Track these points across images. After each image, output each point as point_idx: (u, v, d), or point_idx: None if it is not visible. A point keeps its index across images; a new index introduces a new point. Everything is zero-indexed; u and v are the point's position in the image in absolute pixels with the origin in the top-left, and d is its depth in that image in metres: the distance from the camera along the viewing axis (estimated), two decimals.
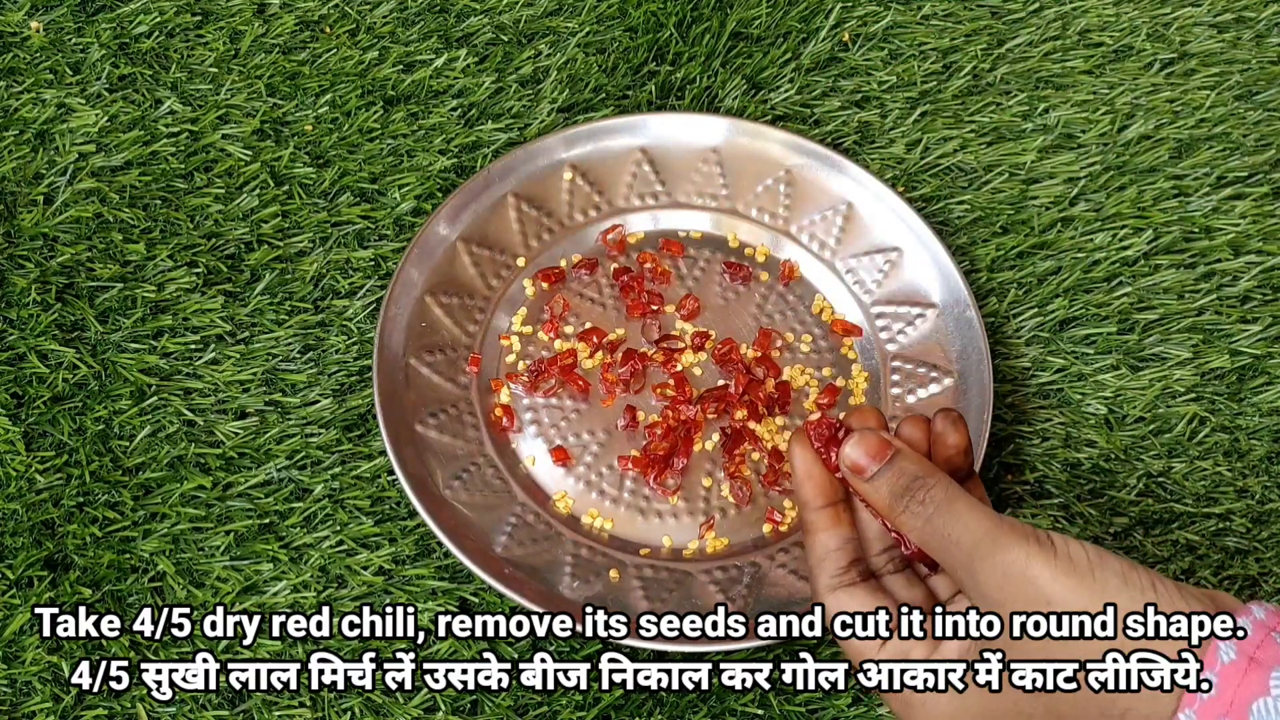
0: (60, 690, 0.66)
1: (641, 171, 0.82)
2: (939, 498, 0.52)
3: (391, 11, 0.89)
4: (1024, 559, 0.49)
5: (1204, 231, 0.82)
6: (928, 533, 0.52)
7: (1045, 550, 0.49)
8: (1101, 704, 0.47)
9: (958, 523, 0.51)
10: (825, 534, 0.56)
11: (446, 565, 0.70)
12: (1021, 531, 0.49)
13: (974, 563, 0.50)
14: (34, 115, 0.83)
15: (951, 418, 0.56)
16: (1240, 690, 0.45)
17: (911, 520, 0.53)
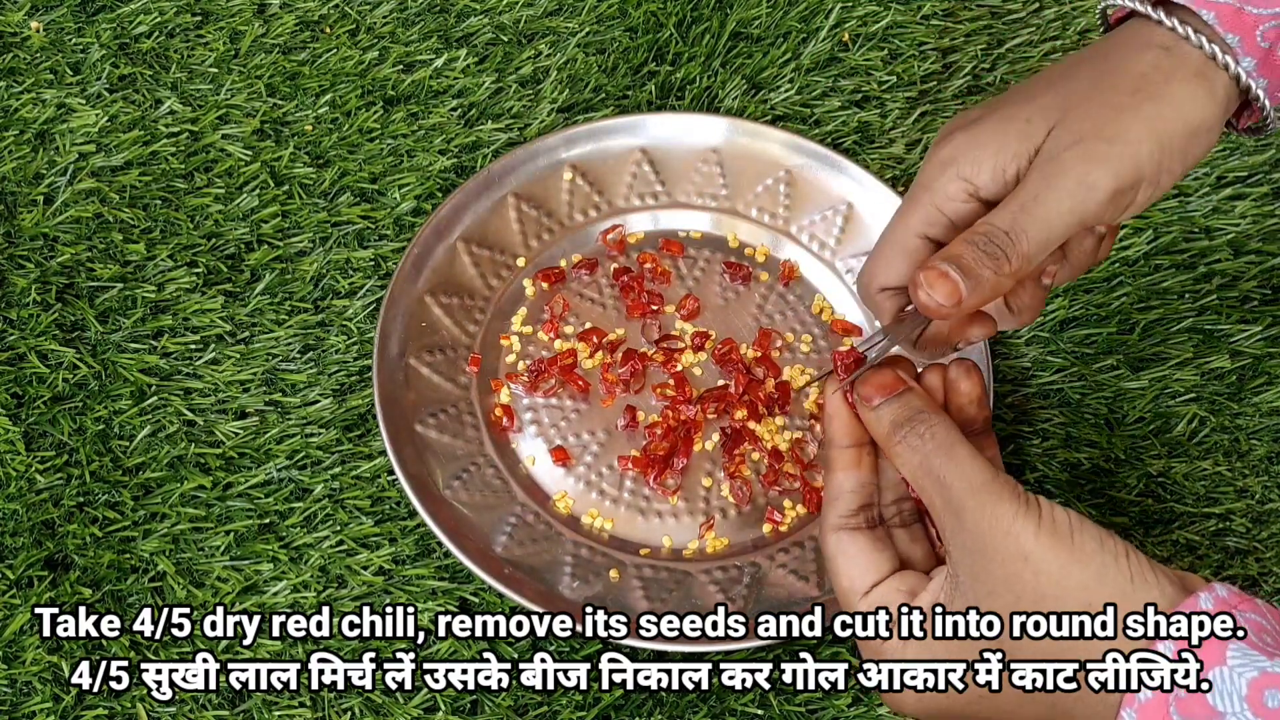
0: (60, 690, 0.66)
1: (641, 171, 0.82)
2: (940, 436, 0.53)
3: (391, 11, 0.89)
4: (1010, 515, 0.50)
5: (1204, 231, 0.82)
6: (922, 470, 0.53)
7: (1031, 510, 0.50)
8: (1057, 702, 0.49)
9: (955, 466, 0.52)
10: (843, 474, 0.57)
11: (446, 565, 0.70)
12: (1013, 489, 0.51)
13: (963, 510, 0.51)
14: (34, 115, 0.83)
15: (965, 366, 0.57)
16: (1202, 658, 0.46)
17: (908, 453, 0.53)
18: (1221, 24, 0.54)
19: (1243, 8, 0.54)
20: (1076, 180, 0.52)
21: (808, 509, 0.72)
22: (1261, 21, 0.54)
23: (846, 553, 0.55)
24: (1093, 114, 0.53)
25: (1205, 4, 0.54)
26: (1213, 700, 0.45)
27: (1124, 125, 0.53)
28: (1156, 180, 0.54)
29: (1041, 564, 0.49)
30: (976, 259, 0.53)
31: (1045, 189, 0.53)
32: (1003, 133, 0.55)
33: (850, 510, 0.56)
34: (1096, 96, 0.54)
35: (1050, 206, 0.53)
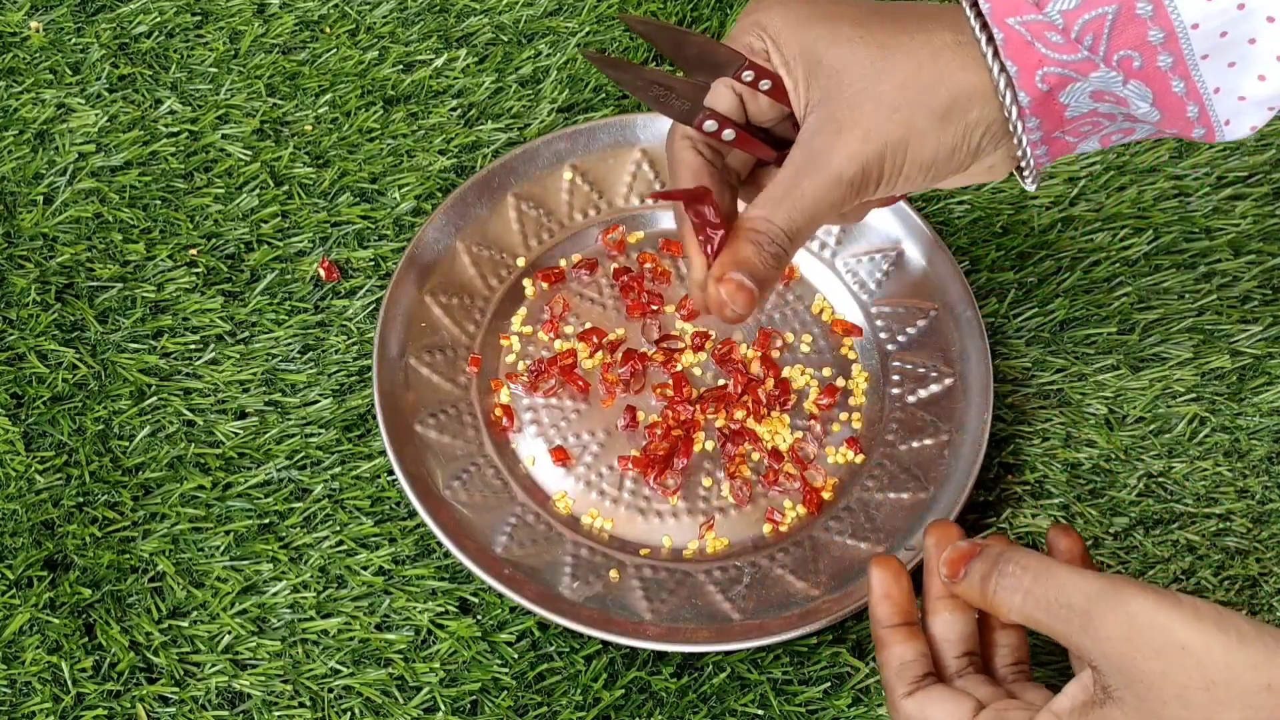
0: (60, 690, 0.66)
1: (641, 171, 0.82)
2: (1034, 566, 0.53)
3: (391, 11, 0.89)
4: (1151, 608, 0.49)
5: (1204, 231, 0.82)
6: (1030, 604, 0.52)
7: (1167, 598, 0.49)
8: None
9: (1065, 585, 0.51)
10: (901, 647, 0.58)
11: (446, 565, 0.70)
12: (1141, 584, 0.50)
13: (1092, 619, 0.50)
14: (34, 115, 0.83)
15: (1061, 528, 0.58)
16: None
17: (1009, 595, 0.53)
18: (1006, 49, 0.53)
19: (1033, 43, 0.53)
20: (835, 175, 0.54)
21: (808, 509, 0.72)
22: (1046, 63, 0.53)
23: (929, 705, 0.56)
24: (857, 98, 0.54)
25: (1000, 23, 0.53)
26: None
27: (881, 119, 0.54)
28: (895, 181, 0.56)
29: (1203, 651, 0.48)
30: (764, 263, 0.55)
31: (809, 184, 0.55)
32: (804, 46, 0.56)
33: (917, 677, 0.57)
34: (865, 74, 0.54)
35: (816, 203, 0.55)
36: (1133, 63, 0.53)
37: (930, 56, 0.54)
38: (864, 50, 0.54)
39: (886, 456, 0.73)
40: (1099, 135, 0.57)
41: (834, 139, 0.54)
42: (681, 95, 0.57)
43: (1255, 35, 0.52)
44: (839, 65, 0.55)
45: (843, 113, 0.54)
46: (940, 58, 0.54)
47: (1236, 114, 0.54)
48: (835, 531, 0.71)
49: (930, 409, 0.74)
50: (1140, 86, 0.54)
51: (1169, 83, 0.53)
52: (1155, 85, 0.54)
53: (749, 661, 0.68)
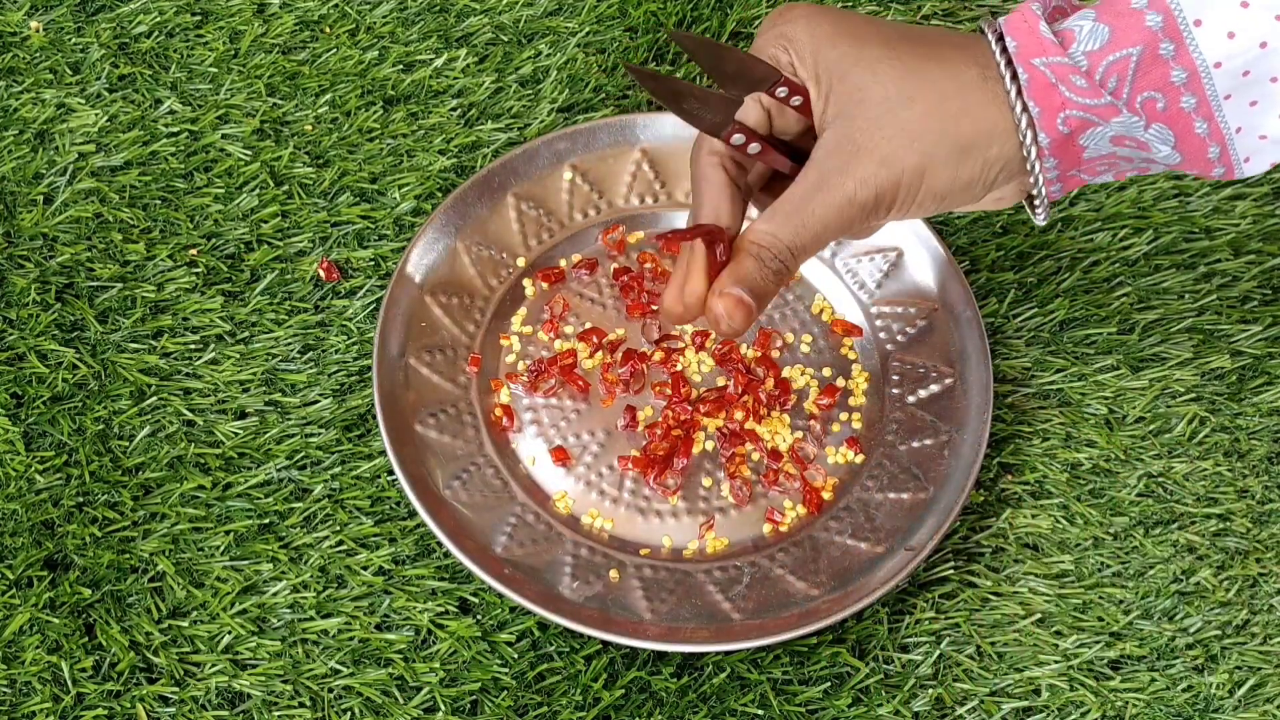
0: (60, 690, 0.66)
1: (641, 171, 0.82)
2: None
3: (391, 11, 0.89)
4: None
5: (1204, 231, 0.82)
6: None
7: None
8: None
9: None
10: None
11: (446, 565, 0.70)
12: None
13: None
14: (34, 115, 0.83)
15: None
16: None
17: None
18: (1030, 89, 0.54)
19: (1057, 85, 0.54)
20: (846, 199, 0.55)
21: (808, 509, 0.72)
22: (1069, 106, 0.54)
23: None
24: (878, 124, 0.55)
25: (1026, 64, 0.54)
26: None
27: (897, 148, 0.55)
28: (907, 209, 0.57)
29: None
30: (765, 279, 0.56)
31: (819, 205, 0.55)
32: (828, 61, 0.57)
33: None
34: (889, 100, 0.55)
35: (823, 225, 0.56)
36: (1156, 104, 0.54)
37: (956, 89, 0.54)
38: (890, 73, 0.55)
39: (886, 456, 0.73)
40: (1114, 173, 0.58)
41: (850, 160, 0.55)
42: (713, 108, 0.57)
43: (1277, 74, 0.52)
44: (862, 85, 0.55)
45: (861, 134, 0.54)
46: (966, 92, 0.54)
47: (1257, 152, 0.55)
48: (835, 531, 0.71)
49: (930, 409, 0.74)
50: (1163, 130, 0.54)
51: (1192, 124, 0.54)
52: (1178, 127, 0.54)
53: (749, 661, 0.68)
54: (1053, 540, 0.72)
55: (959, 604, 0.70)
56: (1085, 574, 0.71)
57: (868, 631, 0.69)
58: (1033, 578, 0.71)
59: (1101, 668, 0.68)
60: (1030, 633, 0.69)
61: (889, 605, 0.69)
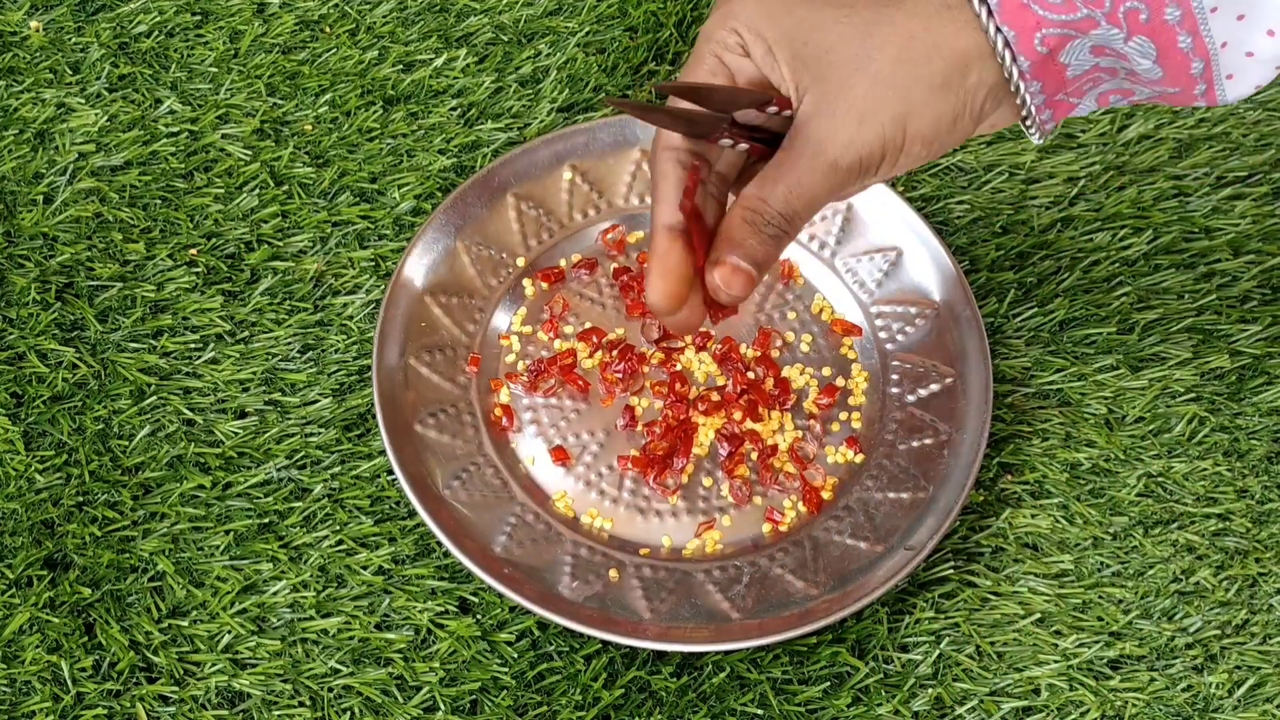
0: (60, 690, 0.66)
1: (641, 171, 0.82)
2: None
3: (391, 11, 0.89)
4: None
5: (1204, 231, 0.82)
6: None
7: None
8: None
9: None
10: None
11: (446, 565, 0.70)
12: None
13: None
14: (34, 115, 0.83)
15: None
16: None
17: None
18: (1001, 13, 0.52)
19: (1029, 4, 0.52)
20: (830, 163, 0.54)
21: (808, 509, 0.72)
22: (1044, 25, 0.52)
23: None
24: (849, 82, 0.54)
25: None
26: None
27: (874, 105, 0.53)
28: (896, 160, 0.55)
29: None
30: (760, 243, 0.55)
31: (806, 172, 0.54)
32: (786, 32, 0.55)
33: None
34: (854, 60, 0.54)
35: (812, 189, 0.55)
36: (1139, 16, 0.52)
37: (921, 26, 0.53)
38: (851, 29, 0.53)
39: (886, 456, 0.73)
40: (1097, 91, 0.56)
41: (829, 124, 0.53)
42: (706, 124, 0.56)
43: None
44: (826, 46, 0.54)
45: (835, 95, 0.53)
46: (931, 25, 0.53)
47: (1241, 71, 0.53)
48: (835, 531, 0.71)
49: (930, 409, 0.74)
50: (1144, 42, 0.53)
51: (1175, 38, 0.52)
52: (1160, 40, 0.53)
53: (748, 661, 0.68)
54: (1052, 540, 0.72)
55: (959, 604, 0.70)
56: (1085, 574, 0.71)
57: (867, 631, 0.69)
58: (1032, 577, 0.71)
59: (1101, 667, 0.68)
60: (1030, 632, 0.69)
61: (889, 605, 0.69)
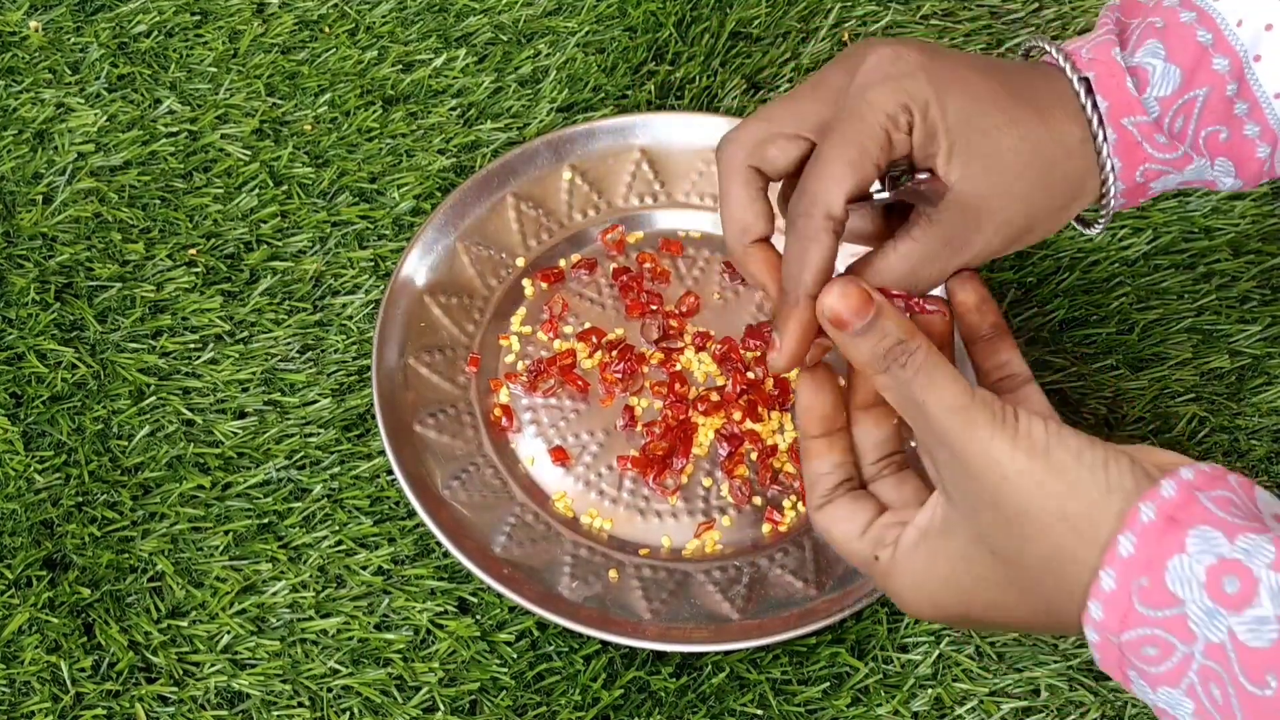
0: (59, 690, 0.66)
1: (641, 171, 0.82)
2: (919, 361, 0.52)
3: (390, 11, 0.89)
4: (987, 436, 0.50)
5: (1204, 231, 0.82)
6: (904, 400, 0.53)
7: (1007, 428, 0.50)
8: (1056, 574, 0.49)
9: (933, 392, 0.51)
10: (818, 460, 0.58)
11: (446, 565, 0.70)
12: (990, 409, 0.50)
13: (945, 434, 0.51)
14: (33, 115, 0.83)
15: (961, 277, 0.58)
16: (1157, 549, 0.46)
17: (889, 383, 0.53)
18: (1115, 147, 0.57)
19: (1141, 143, 0.57)
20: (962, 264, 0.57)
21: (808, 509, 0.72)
22: (1149, 161, 0.57)
23: (835, 517, 0.57)
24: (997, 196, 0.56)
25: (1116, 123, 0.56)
26: (1171, 587, 0.46)
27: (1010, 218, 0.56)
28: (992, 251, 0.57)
29: (1018, 480, 0.49)
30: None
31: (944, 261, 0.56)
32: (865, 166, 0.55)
33: (830, 488, 0.57)
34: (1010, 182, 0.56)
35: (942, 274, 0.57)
36: (1219, 137, 0.57)
37: (1063, 155, 0.57)
38: (1009, 141, 0.56)
39: None
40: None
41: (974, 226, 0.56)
42: None
43: None
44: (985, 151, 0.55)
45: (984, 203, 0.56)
46: (1069, 157, 0.57)
47: None
48: None
49: None
50: (1225, 163, 0.58)
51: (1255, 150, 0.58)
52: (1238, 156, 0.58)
53: (748, 661, 0.68)
54: None
55: None
56: None
57: (867, 631, 0.68)
58: None
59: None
60: None
61: (888, 605, 0.69)
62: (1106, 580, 0.47)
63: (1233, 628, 0.44)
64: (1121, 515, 0.47)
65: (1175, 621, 0.45)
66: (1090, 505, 0.48)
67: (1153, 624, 0.46)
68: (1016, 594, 0.51)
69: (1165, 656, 0.46)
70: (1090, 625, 0.48)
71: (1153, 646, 0.46)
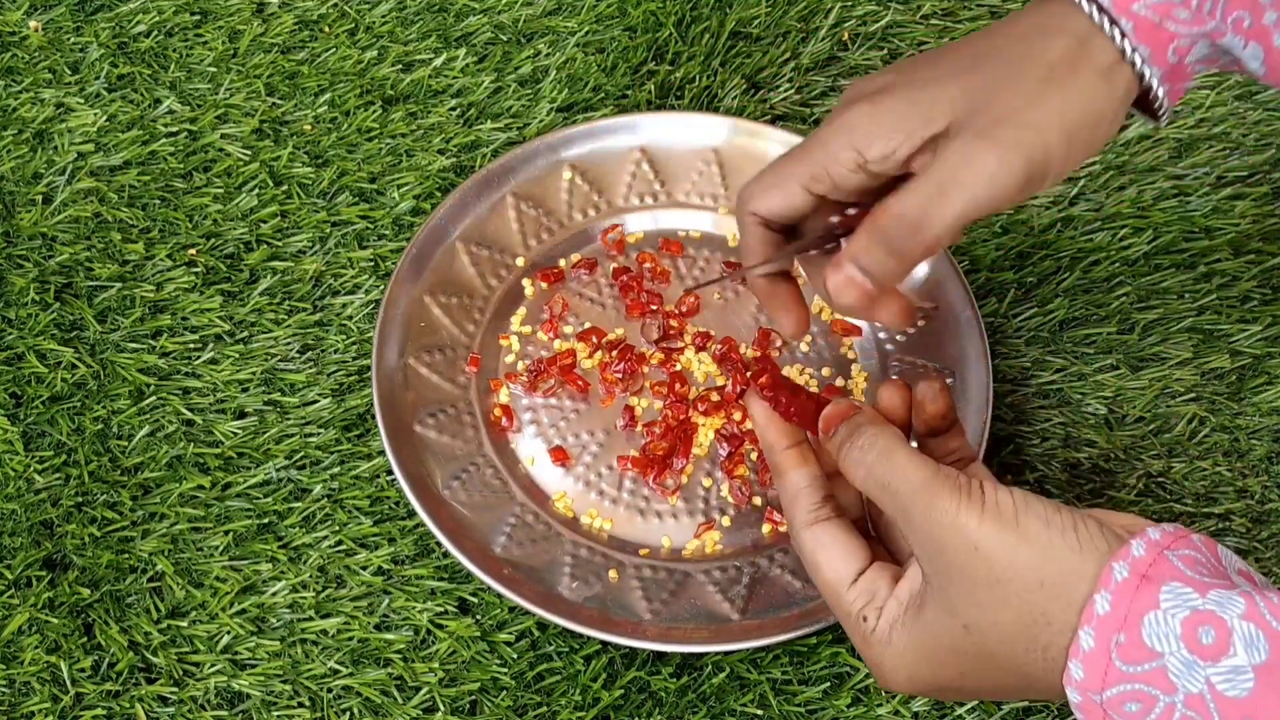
0: (59, 690, 0.66)
1: (641, 171, 0.82)
2: (880, 445, 0.54)
3: (390, 11, 0.89)
4: (954, 509, 0.50)
5: (1204, 231, 0.82)
6: (869, 481, 0.54)
7: (974, 499, 0.51)
8: (1026, 640, 0.50)
9: (896, 472, 0.53)
10: (794, 473, 0.58)
11: (446, 565, 0.70)
12: (954, 483, 0.51)
13: (910, 511, 0.52)
14: (33, 115, 0.83)
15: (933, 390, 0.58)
16: (1133, 605, 0.47)
17: (854, 467, 0.54)
18: (1136, 34, 0.55)
19: (1162, 23, 0.55)
20: (990, 171, 0.53)
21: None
22: (1176, 38, 0.55)
23: (823, 543, 0.56)
24: (1001, 101, 0.54)
25: (1126, 12, 0.55)
26: (1148, 641, 0.46)
27: (1033, 115, 0.54)
28: (1063, 168, 0.55)
29: (990, 550, 0.50)
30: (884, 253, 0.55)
31: (955, 177, 0.54)
32: (903, 115, 0.56)
33: (815, 503, 0.57)
34: (1005, 84, 0.55)
35: (961, 195, 0.54)
36: (1243, 23, 0.56)
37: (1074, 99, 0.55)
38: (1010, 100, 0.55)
39: None
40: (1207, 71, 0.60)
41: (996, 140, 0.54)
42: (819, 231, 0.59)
43: None
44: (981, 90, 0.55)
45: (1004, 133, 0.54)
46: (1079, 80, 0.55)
47: None
48: None
49: None
50: (1255, 47, 0.56)
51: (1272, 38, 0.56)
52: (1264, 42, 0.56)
53: (748, 662, 0.68)
54: None
55: None
56: None
57: None
58: None
59: None
60: None
61: None
62: (1085, 639, 0.47)
63: (1210, 678, 0.45)
64: (1095, 576, 0.48)
65: (1155, 674, 0.46)
66: (1064, 569, 0.49)
67: (1133, 679, 0.46)
68: (990, 663, 0.51)
69: (1148, 710, 0.46)
70: (1072, 686, 0.48)
71: (1135, 702, 0.47)
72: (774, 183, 0.59)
